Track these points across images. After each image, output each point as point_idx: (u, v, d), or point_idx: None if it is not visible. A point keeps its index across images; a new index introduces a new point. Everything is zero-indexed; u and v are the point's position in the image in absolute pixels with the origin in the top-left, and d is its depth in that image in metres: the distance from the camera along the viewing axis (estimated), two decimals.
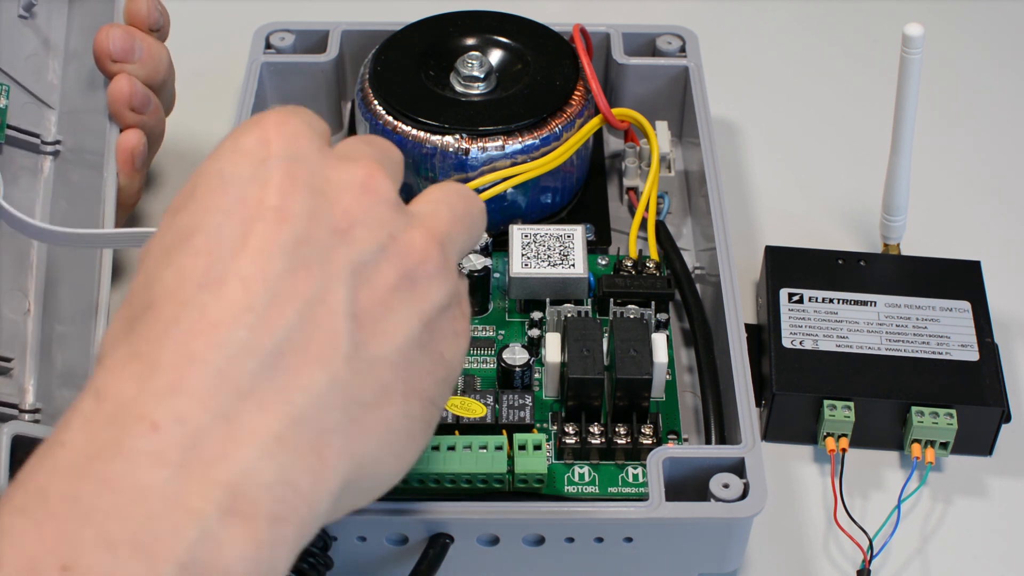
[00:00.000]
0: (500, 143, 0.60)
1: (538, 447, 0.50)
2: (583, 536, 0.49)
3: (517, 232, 0.59)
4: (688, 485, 0.50)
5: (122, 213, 0.58)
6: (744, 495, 0.49)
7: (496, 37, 0.65)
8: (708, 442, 0.54)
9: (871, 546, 0.52)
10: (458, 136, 0.60)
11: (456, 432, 0.51)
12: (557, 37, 0.65)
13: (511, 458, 0.50)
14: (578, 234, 0.59)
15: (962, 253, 0.62)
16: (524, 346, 0.54)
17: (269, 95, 0.68)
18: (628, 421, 0.53)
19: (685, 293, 0.59)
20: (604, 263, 0.61)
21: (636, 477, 0.52)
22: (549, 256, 0.58)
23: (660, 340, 0.54)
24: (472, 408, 0.52)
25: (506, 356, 0.54)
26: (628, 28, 0.69)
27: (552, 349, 0.55)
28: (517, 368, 0.54)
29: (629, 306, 0.57)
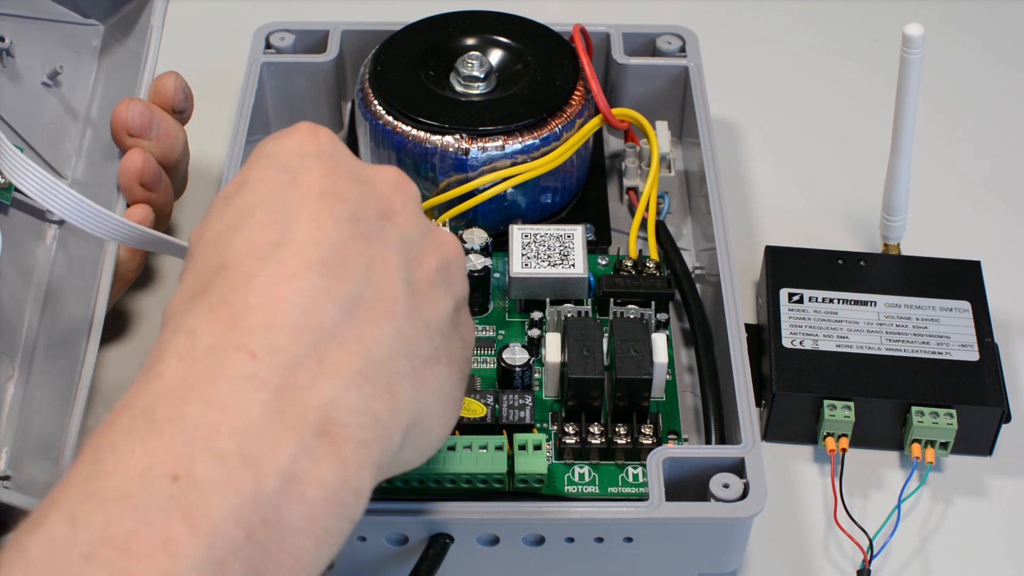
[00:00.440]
0: (500, 143, 0.60)
1: (538, 447, 0.50)
2: (583, 536, 0.49)
3: (517, 232, 0.59)
4: (688, 485, 0.50)
5: (118, 288, 0.57)
6: (744, 495, 0.49)
7: (496, 37, 0.65)
8: (708, 442, 0.54)
9: (871, 546, 0.52)
10: (458, 136, 0.60)
11: (456, 432, 0.51)
12: (557, 37, 0.65)
13: (511, 458, 0.50)
14: (578, 234, 0.59)
15: (962, 253, 0.62)
16: (524, 346, 0.54)
17: (269, 95, 0.68)
18: (628, 421, 0.53)
19: (685, 293, 0.59)
20: (604, 263, 0.61)
21: (636, 477, 0.52)
22: (549, 256, 0.58)
23: (660, 340, 0.54)
24: (472, 408, 0.52)
25: (506, 356, 0.54)
26: (628, 28, 0.69)
27: (552, 349, 0.55)
28: (517, 368, 0.54)
29: (629, 306, 0.57)
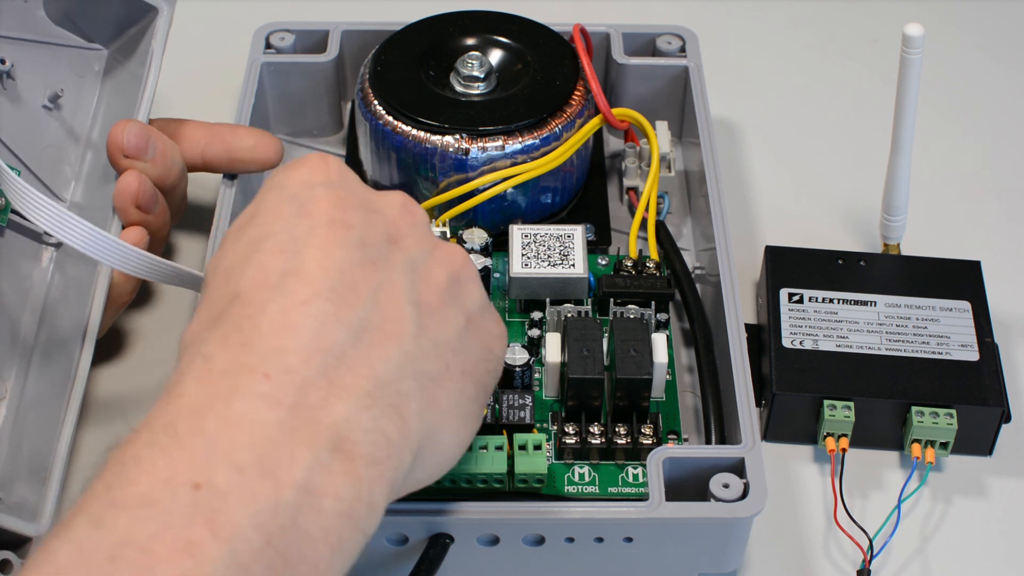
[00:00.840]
0: (500, 143, 0.60)
1: (538, 447, 0.50)
2: (583, 536, 0.49)
3: (517, 232, 0.59)
4: (688, 485, 0.50)
5: (114, 310, 0.57)
6: (744, 495, 0.49)
7: (496, 37, 0.65)
8: (708, 442, 0.54)
9: (871, 546, 0.52)
10: (458, 136, 0.60)
11: None
12: (557, 37, 0.65)
13: (511, 458, 0.50)
14: (578, 234, 0.59)
15: (962, 253, 0.62)
16: (524, 346, 0.54)
17: (269, 95, 0.68)
18: (628, 421, 0.53)
19: (685, 293, 0.59)
20: (604, 263, 0.61)
21: (636, 477, 0.52)
22: (549, 256, 0.58)
23: (660, 340, 0.54)
24: None
25: (506, 356, 0.54)
26: (628, 28, 0.69)
27: (552, 349, 0.55)
28: (517, 368, 0.54)
29: (629, 306, 0.57)
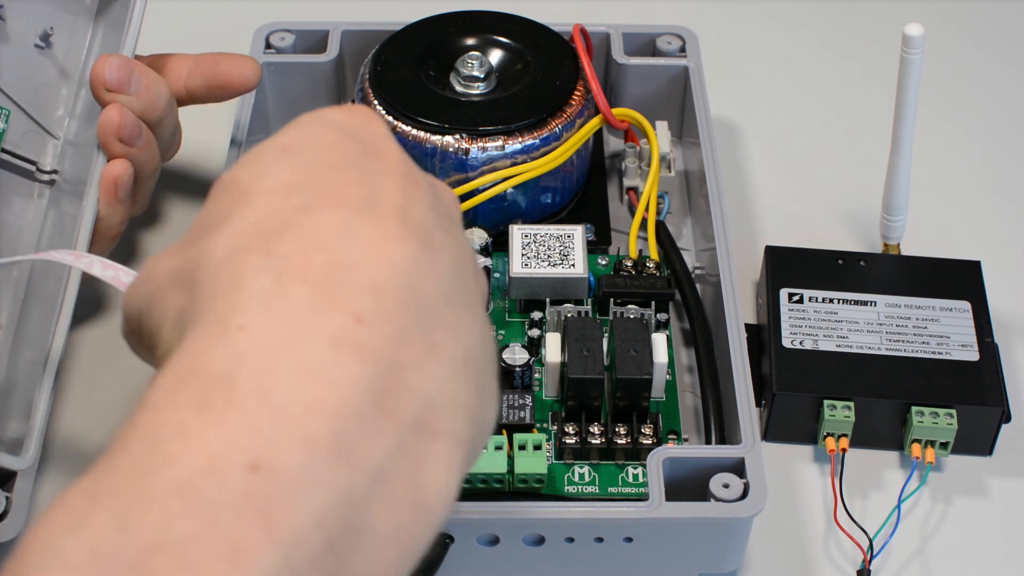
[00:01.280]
0: (500, 143, 0.60)
1: (538, 447, 0.50)
2: (583, 536, 0.49)
3: (517, 232, 0.59)
4: (688, 485, 0.50)
5: (104, 243, 0.57)
6: (744, 495, 0.49)
7: (496, 37, 0.65)
8: (708, 442, 0.54)
9: (871, 546, 0.52)
10: (458, 136, 0.60)
11: None
12: (557, 37, 0.65)
13: (511, 458, 0.50)
14: (578, 234, 0.59)
15: (962, 253, 0.62)
16: (524, 346, 0.54)
17: (269, 95, 0.68)
18: (628, 421, 0.53)
19: (685, 293, 0.59)
20: (604, 263, 0.61)
21: (636, 477, 0.52)
22: (549, 256, 0.58)
23: (660, 340, 0.54)
24: None
25: (506, 356, 0.54)
26: (628, 28, 0.69)
27: (552, 349, 0.55)
28: (517, 368, 0.54)
29: (629, 306, 0.57)
